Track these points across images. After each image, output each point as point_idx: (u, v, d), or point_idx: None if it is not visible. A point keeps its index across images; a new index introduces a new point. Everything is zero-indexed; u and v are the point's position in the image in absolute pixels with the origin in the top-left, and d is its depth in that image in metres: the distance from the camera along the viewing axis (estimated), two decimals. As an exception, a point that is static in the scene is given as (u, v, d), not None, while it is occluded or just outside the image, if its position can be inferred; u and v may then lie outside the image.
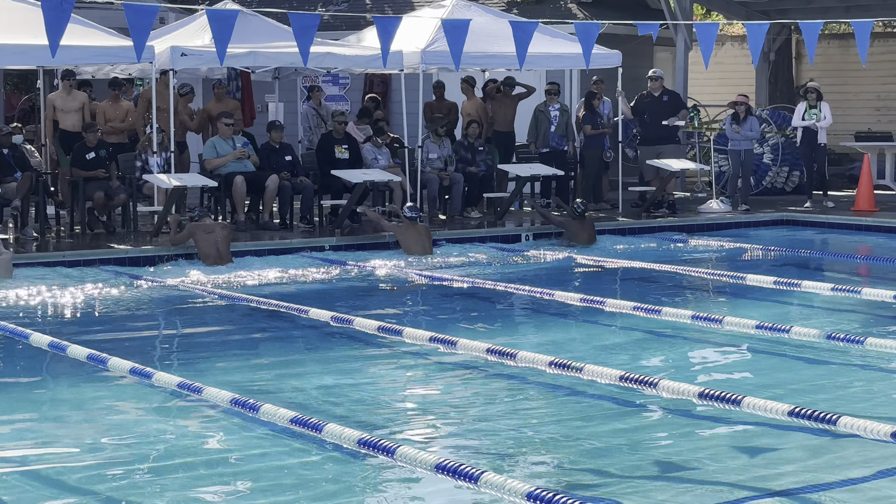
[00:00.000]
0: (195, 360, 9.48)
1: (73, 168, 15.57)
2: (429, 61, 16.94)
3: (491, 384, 8.69)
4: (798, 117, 18.67)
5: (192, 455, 7.00)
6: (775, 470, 6.68)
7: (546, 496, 5.70)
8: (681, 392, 7.76)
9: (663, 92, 18.40)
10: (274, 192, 15.88)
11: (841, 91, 23.66)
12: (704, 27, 16.06)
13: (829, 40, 24.82)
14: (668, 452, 7.04)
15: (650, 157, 18.01)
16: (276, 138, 16.50)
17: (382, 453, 6.60)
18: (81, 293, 12.34)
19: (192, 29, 16.59)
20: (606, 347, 9.90)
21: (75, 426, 7.64)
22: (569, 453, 7.03)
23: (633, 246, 15.73)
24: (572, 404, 8.09)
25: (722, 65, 24.69)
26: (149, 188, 15.71)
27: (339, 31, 20.41)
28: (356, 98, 21.60)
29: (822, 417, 6.91)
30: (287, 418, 7.26)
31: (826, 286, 11.99)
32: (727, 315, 10.44)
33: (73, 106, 16.57)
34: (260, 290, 12.46)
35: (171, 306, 11.78)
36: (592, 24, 15.48)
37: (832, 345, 9.36)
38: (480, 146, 17.89)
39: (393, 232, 14.84)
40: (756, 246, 15.41)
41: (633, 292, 12.31)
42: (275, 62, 16.69)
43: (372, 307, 11.68)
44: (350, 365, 9.37)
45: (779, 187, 20.88)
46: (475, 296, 12.22)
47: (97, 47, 15.02)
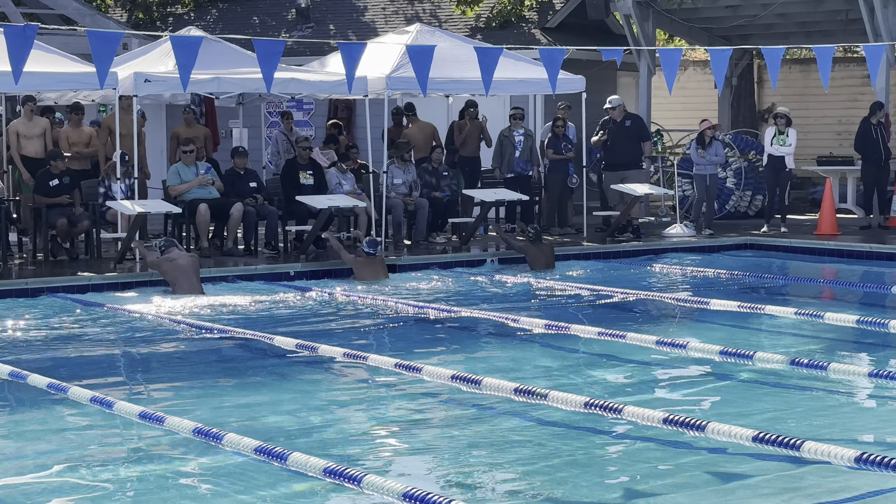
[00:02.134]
0: (158, 389, 9.42)
1: (35, 195, 15.48)
2: (394, 87, 16.97)
3: (456, 411, 8.67)
4: (767, 142, 18.76)
5: (153, 485, 6.94)
6: (740, 495, 6.69)
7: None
8: (645, 418, 7.76)
9: (625, 116, 18.47)
10: (238, 220, 15.84)
11: (802, 115, 23.84)
12: (668, 52, 16.15)
13: (791, 65, 25.03)
14: (635, 479, 7.03)
15: (614, 182, 18.07)
16: (241, 164, 16.47)
17: (349, 482, 6.56)
18: (43, 321, 12.24)
19: (156, 55, 16.55)
20: (571, 373, 9.90)
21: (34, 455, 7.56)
22: (534, 481, 7.01)
23: (597, 270, 15.76)
24: (537, 431, 8.08)
25: (685, 90, 24.85)
26: (112, 215, 15.63)
27: (303, 56, 20.43)
28: (320, 123, 21.60)
29: (786, 443, 6.93)
30: (251, 447, 7.22)
31: (789, 310, 12.04)
32: (691, 340, 10.47)
33: (34, 132, 16.49)
34: (225, 317, 12.40)
35: (133, 334, 11.69)
36: (557, 50, 15.55)
37: (796, 370, 9.40)
38: (445, 171, 17.91)
39: (350, 264, 14.82)
40: (720, 270, 15.47)
41: (598, 317, 12.32)
42: (239, 88, 16.67)
43: (337, 333, 11.64)
44: (315, 392, 9.33)
45: (742, 211, 20.99)
46: (440, 321, 12.21)
47: (60, 73, 14.97)
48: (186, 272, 13.61)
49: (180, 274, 13.59)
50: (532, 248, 15.73)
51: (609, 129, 18.33)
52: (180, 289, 13.50)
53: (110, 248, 16.04)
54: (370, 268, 14.68)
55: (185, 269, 13.62)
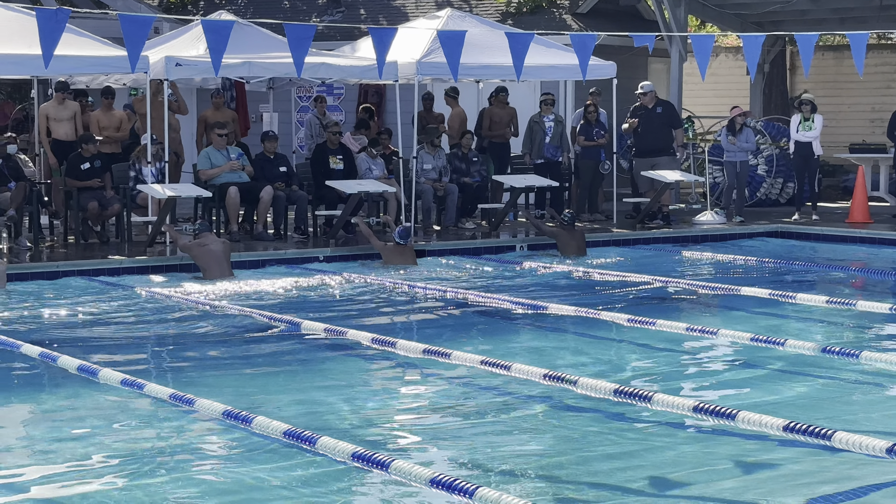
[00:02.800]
0: (187, 372, 9.44)
1: (67, 178, 15.54)
2: (424, 72, 16.95)
3: (485, 397, 8.66)
4: (793, 129, 18.67)
5: (182, 467, 6.96)
6: (769, 485, 6.66)
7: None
8: (675, 406, 7.74)
9: (657, 103, 18.38)
10: (268, 204, 15.87)
11: (835, 102, 23.68)
12: (700, 39, 16.05)
13: (824, 52, 24.84)
14: (663, 467, 7.01)
15: (645, 169, 18.01)
16: (271, 149, 16.49)
17: (376, 467, 6.57)
18: (74, 303, 12.30)
19: (187, 39, 16.58)
20: (600, 360, 9.87)
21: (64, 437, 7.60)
22: (562, 467, 6.99)
23: (627, 257, 15.71)
24: (566, 417, 8.06)
25: (716, 76, 24.71)
26: (143, 198, 15.68)
27: (334, 41, 20.41)
28: (350, 108, 21.60)
29: (817, 432, 6.89)
30: (280, 431, 7.24)
31: (821, 298, 11.97)
32: (722, 328, 10.43)
33: (65, 115, 16.54)
34: (253, 301, 12.42)
35: (163, 317, 11.74)
36: (588, 36, 15.47)
37: (827, 358, 9.34)
38: (475, 157, 17.88)
39: (379, 251, 14.81)
40: (751, 258, 15.40)
41: (628, 304, 12.28)
42: (269, 73, 16.68)
43: (365, 319, 11.65)
44: (343, 377, 9.34)
45: (773, 199, 20.88)
46: (469, 307, 12.19)
47: (92, 57, 15.00)
48: (218, 258, 13.64)
49: (212, 260, 13.61)
50: (564, 233, 15.68)
51: (640, 115, 18.25)
52: (211, 274, 13.53)
53: (141, 231, 16.09)
54: (399, 255, 14.68)
55: (216, 255, 13.65)
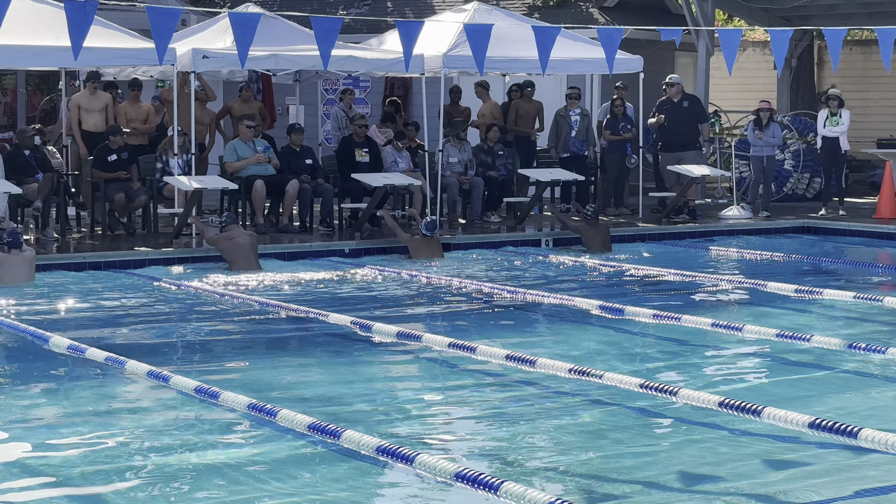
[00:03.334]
0: (212, 365, 9.47)
1: (94, 170, 15.61)
2: (451, 65, 16.94)
3: (510, 391, 8.66)
4: (820, 124, 18.59)
5: (208, 459, 6.99)
6: (794, 482, 6.63)
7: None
8: (701, 401, 7.73)
9: (683, 97, 18.33)
10: (294, 197, 15.89)
11: (863, 98, 23.56)
12: (728, 33, 15.98)
13: (852, 46, 24.71)
14: (687, 463, 7.00)
15: (671, 163, 17.96)
16: (297, 141, 16.52)
17: (401, 461, 6.58)
18: (101, 295, 12.35)
19: (214, 31, 16.62)
20: (626, 355, 9.86)
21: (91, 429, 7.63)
22: (587, 463, 6.99)
23: (652, 252, 15.68)
24: (591, 412, 8.05)
25: (743, 70, 24.61)
26: (169, 190, 15.73)
27: (360, 34, 20.42)
28: (377, 101, 21.62)
29: (842, 430, 6.87)
30: (304, 424, 7.25)
31: (848, 294, 11.92)
32: (747, 323, 10.40)
33: (97, 106, 16.60)
34: (279, 293, 12.45)
35: (189, 309, 11.78)
36: (615, 30, 15.44)
37: (854, 354, 9.31)
38: (500, 150, 17.87)
39: (406, 243, 14.81)
40: (777, 253, 15.35)
41: (653, 299, 12.26)
42: (296, 65, 16.70)
43: (391, 312, 11.66)
44: (368, 370, 9.35)
45: (800, 194, 20.80)
46: (494, 301, 12.19)
47: (119, 49, 15.06)
48: (245, 251, 13.67)
49: (239, 253, 13.65)
50: (588, 228, 15.66)
51: (666, 109, 18.20)
52: (237, 266, 13.56)
53: (167, 223, 16.14)
54: (426, 247, 14.68)
55: (243, 248, 13.68)
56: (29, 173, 14.96)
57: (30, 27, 14.65)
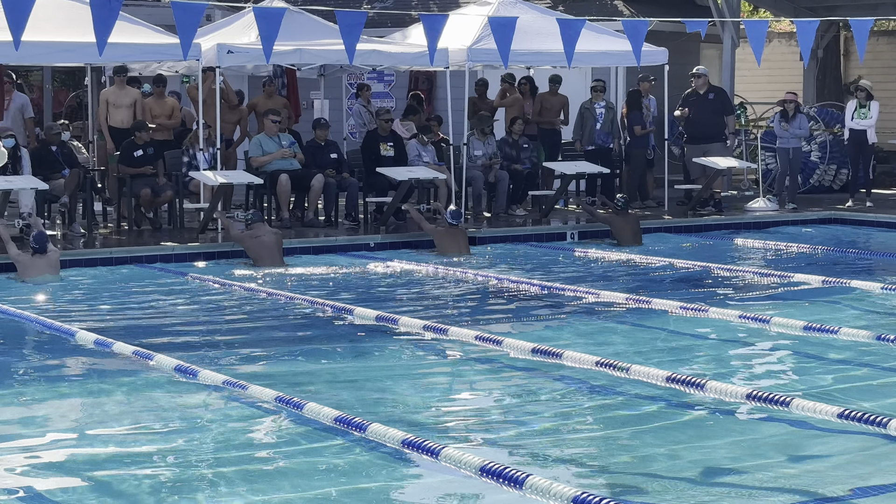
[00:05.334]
0: (239, 358, 9.49)
1: (120, 165, 15.65)
2: (475, 59, 16.92)
3: (536, 384, 8.65)
4: (848, 116, 18.50)
5: (235, 452, 7.00)
6: (824, 473, 6.60)
7: (592, 500, 5.65)
8: (728, 393, 7.70)
9: (709, 89, 18.26)
10: (319, 191, 15.91)
11: (890, 88, 23.40)
12: (754, 24, 15.91)
13: (878, 37, 24.57)
14: (716, 455, 6.97)
15: (697, 155, 17.90)
16: (322, 136, 16.53)
17: (427, 454, 6.57)
18: (127, 290, 12.39)
19: (239, 26, 16.63)
20: (652, 347, 9.83)
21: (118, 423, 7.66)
22: (615, 456, 6.97)
23: (678, 245, 15.63)
24: (618, 405, 8.03)
25: (769, 62, 24.45)
26: (195, 185, 15.76)
27: (385, 28, 20.40)
28: (401, 95, 21.60)
29: (872, 420, 6.83)
30: (331, 417, 7.26)
31: (875, 286, 11.85)
32: (775, 315, 10.35)
33: (125, 101, 16.64)
34: (305, 287, 12.46)
35: (215, 303, 11.81)
36: (641, 22, 15.38)
37: (882, 346, 9.26)
38: (525, 143, 17.84)
39: (432, 235, 14.82)
40: (804, 245, 15.28)
41: (679, 291, 12.22)
42: (321, 60, 16.71)
43: (417, 306, 11.66)
44: (394, 364, 9.35)
45: (826, 185, 20.70)
46: (520, 294, 12.17)
47: (144, 45, 15.09)
48: (270, 249, 13.69)
49: (263, 250, 13.66)
50: (618, 218, 15.61)
51: (692, 101, 18.14)
52: (262, 263, 13.57)
53: (193, 218, 16.18)
54: (452, 239, 14.67)
55: (268, 246, 13.69)
56: (56, 169, 15.01)
57: (55, 23, 14.70)
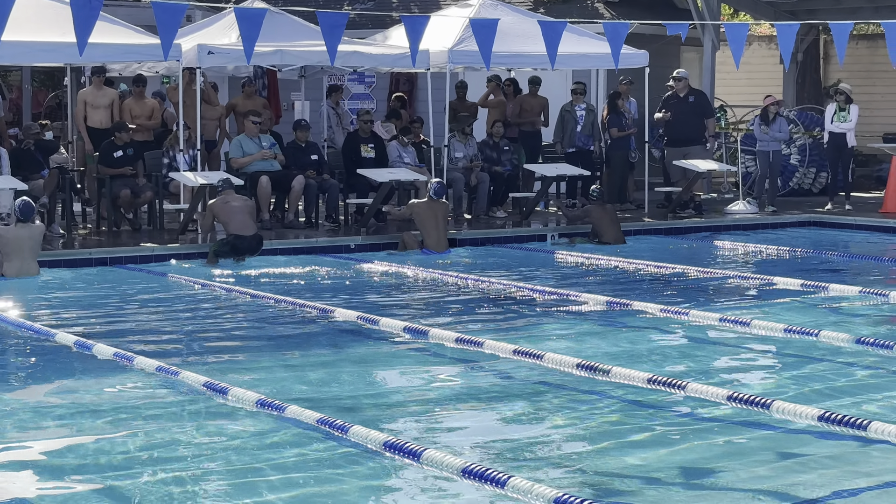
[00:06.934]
0: (220, 360, 9.46)
1: (100, 165, 15.60)
2: (456, 60, 16.93)
3: (517, 386, 8.65)
4: (828, 119, 18.56)
5: (216, 455, 6.98)
6: (803, 476, 6.62)
7: (573, 502, 5.66)
8: (709, 395, 7.72)
9: (689, 92, 18.31)
10: (299, 193, 15.89)
11: (869, 92, 23.50)
12: (734, 27, 15.97)
13: (858, 41, 24.65)
14: (696, 457, 6.99)
15: (677, 158, 17.94)
16: (302, 137, 16.50)
17: (408, 456, 6.57)
18: (106, 291, 12.35)
19: (220, 27, 16.61)
20: (633, 349, 9.84)
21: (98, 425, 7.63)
22: (596, 457, 6.98)
23: (658, 247, 15.65)
24: (599, 407, 8.04)
25: (749, 65, 24.56)
26: (175, 186, 15.73)
27: (366, 29, 20.39)
28: (382, 97, 21.60)
29: (852, 422, 6.86)
30: (313, 419, 7.25)
31: (854, 289, 11.90)
32: (755, 318, 10.38)
33: (102, 102, 16.59)
34: (286, 289, 12.44)
35: (195, 304, 11.78)
36: (621, 24, 15.41)
37: (862, 349, 9.29)
38: (506, 146, 17.85)
39: (411, 210, 14.79)
40: (783, 248, 15.32)
41: (660, 294, 12.24)
42: (302, 61, 16.69)
43: (398, 307, 11.66)
44: (375, 365, 9.34)
45: (806, 188, 20.77)
46: (501, 296, 12.18)
47: (125, 45, 15.05)
48: (240, 213, 13.81)
49: (233, 215, 13.75)
50: (596, 209, 15.48)
51: (672, 104, 18.18)
52: (233, 228, 13.65)
53: (173, 219, 16.14)
54: (430, 212, 14.51)
55: (238, 211, 13.83)
56: (35, 169, 14.95)
57: (35, 23, 14.64)
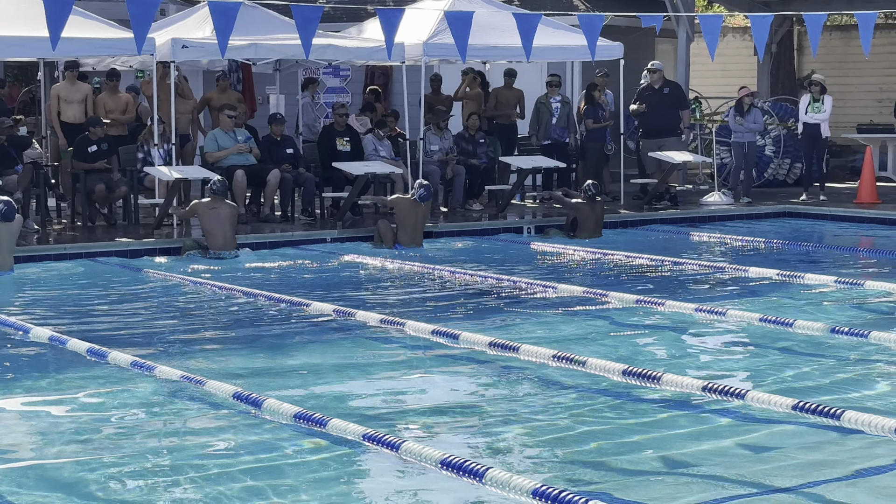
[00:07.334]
0: (196, 354, 9.45)
1: (74, 160, 15.54)
2: (431, 53, 16.91)
3: (494, 378, 8.66)
4: (802, 110, 18.64)
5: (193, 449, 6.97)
6: (778, 465, 6.65)
7: (551, 493, 5.68)
8: (684, 386, 7.75)
9: (664, 83, 18.36)
10: (275, 187, 15.86)
11: (843, 83, 23.63)
12: (709, 19, 16.00)
13: (831, 32, 24.77)
14: (672, 447, 7.01)
15: (652, 150, 17.98)
16: (278, 131, 16.47)
17: (387, 448, 6.57)
18: (82, 286, 12.31)
19: (194, 21, 16.55)
20: (609, 341, 9.87)
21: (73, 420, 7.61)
22: (573, 449, 6.99)
23: (634, 238, 15.69)
24: (575, 399, 8.06)
25: (723, 56, 24.63)
26: (150, 180, 15.68)
27: (340, 22, 20.37)
28: (357, 90, 21.57)
29: (826, 412, 6.89)
30: (290, 413, 7.24)
31: (829, 279, 11.95)
32: (730, 308, 10.42)
33: (76, 97, 16.53)
34: (261, 282, 12.43)
35: (171, 299, 11.75)
36: (596, 16, 15.44)
37: (836, 338, 9.34)
38: (481, 138, 17.85)
39: (393, 204, 14.73)
40: (758, 238, 15.38)
41: (636, 285, 12.27)
42: (276, 54, 16.65)
43: (373, 300, 11.66)
44: (351, 358, 9.33)
45: (780, 179, 20.85)
46: (477, 289, 12.19)
47: (98, 39, 14.99)
48: (223, 223, 13.65)
49: (217, 224, 13.63)
50: (585, 207, 15.47)
51: (647, 96, 18.22)
52: (214, 242, 13.54)
53: (148, 213, 16.09)
54: (412, 211, 14.46)
55: (222, 221, 13.66)
56: (8, 165, 14.88)
57: (7, 17, 14.58)
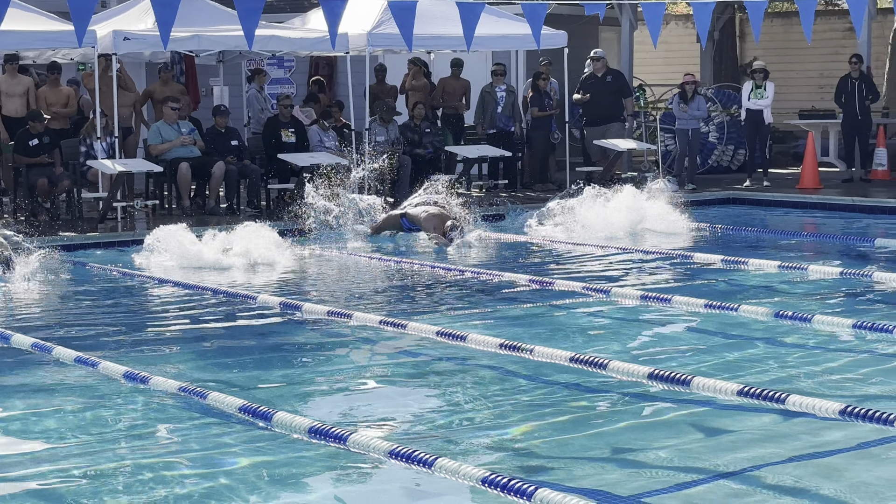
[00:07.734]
0: (141, 349, 9.38)
1: (15, 155, 15.39)
2: (375, 43, 16.88)
3: (442, 367, 8.67)
4: (745, 97, 18.77)
5: (137, 444, 6.93)
6: (726, 449, 6.70)
7: (500, 481, 5.69)
8: (631, 373, 7.77)
9: (607, 72, 18.43)
10: (220, 179, 15.78)
11: (784, 69, 23.81)
12: (651, 7, 16.07)
13: (773, 18, 24.95)
14: (620, 434, 7.04)
15: (596, 138, 18.05)
16: (222, 123, 16.38)
17: (334, 441, 6.56)
18: (23, 281, 12.19)
19: (135, 12, 16.43)
20: (556, 328, 9.89)
21: (16, 417, 7.54)
22: (521, 437, 7.01)
23: (580, 226, 15.71)
24: (523, 387, 8.08)
25: (667, 44, 24.76)
26: (93, 174, 15.56)
27: (283, 13, 20.28)
28: (301, 80, 21.49)
29: (771, 396, 6.94)
30: (236, 406, 7.20)
31: (773, 264, 12.04)
32: (675, 294, 10.48)
33: (17, 90, 16.36)
34: (207, 276, 12.36)
35: (115, 294, 11.66)
36: (540, 5, 15.48)
37: (780, 323, 9.41)
38: (427, 128, 17.84)
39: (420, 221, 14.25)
40: (703, 224, 15.46)
41: (581, 273, 12.32)
42: (219, 46, 16.56)
43: (321, 292, 11.62)
44: (298, 351, 9.31)
45: (724, 166, 20.99)
46: (424, 278, 12.19)
47: (38, 32, 14.85)
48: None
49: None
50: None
51: (590, 84, 18.28)
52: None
53: (92, 207, 15.95)
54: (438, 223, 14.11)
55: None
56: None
57: (-55, 11, 14.39)
